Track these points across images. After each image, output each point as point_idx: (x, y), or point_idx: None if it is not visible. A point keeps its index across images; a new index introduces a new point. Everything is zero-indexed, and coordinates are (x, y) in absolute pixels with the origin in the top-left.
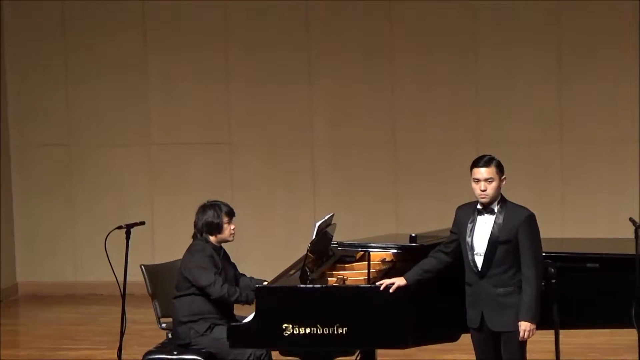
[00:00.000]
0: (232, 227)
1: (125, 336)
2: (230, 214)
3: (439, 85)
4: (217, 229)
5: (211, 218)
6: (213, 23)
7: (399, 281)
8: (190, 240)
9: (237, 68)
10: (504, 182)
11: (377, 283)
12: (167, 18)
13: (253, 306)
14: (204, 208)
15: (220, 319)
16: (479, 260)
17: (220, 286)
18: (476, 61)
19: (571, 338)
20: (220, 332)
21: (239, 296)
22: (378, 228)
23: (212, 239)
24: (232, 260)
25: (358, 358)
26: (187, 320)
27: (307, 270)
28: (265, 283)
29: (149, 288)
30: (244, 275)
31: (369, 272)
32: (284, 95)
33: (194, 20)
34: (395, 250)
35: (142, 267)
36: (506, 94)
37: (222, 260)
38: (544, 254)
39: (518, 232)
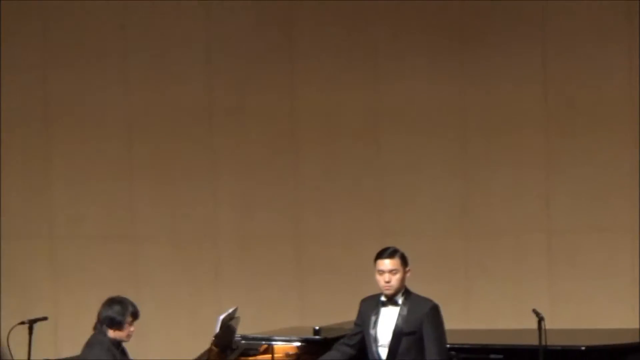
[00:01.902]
0: (132, 329)
1: None
2: (135, 315)
3: (343, 178)
4: (117, 325)
5: (115, 314)
6: (116, 114)
7: None
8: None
9: (141, 163)
10: (408, 274)
11: None
12: (71, 108)
13: None
14: (111, 302)
15: None
16: (383, 353)
17: None
18: (379, 152)
19: None
20: None
21: None
22: (282, 321)
23: (110, 333)
24: (137, 353)
25: None
26: None
27: None
28: None
29: None
30: None
31: None
32: (188, 191)
33: (97, 114)
34: (299, 343)
35: None
36: (410, 185)
37: (120, 355)
38: (448, 345)
39: (422, 323)
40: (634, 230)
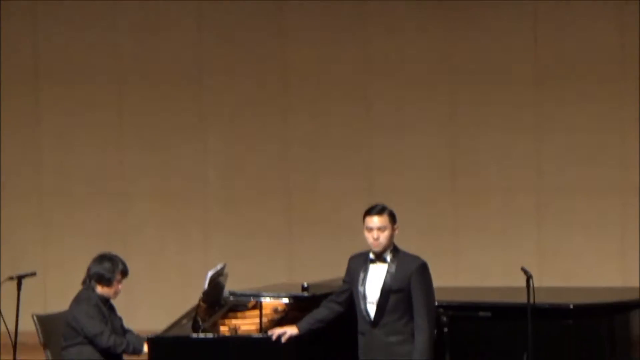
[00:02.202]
0: (120, 286)
1: None
2: (124, 273)
3: (333, 134)
4: (106, 282)
5: (104, 271)
6: (107, 70)
7: (291, 330)
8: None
9: (130, 121)
10: (396, 231)
11: (269, 332)
12: (61, 66)
13: (146, 355)
14: (101, 258)
15: None
16: (372, 309)
17: (107, 337)
18: (369, 110)
19: None
20: None
21: (125, 347)
22: (271, 277)
23: (98, 289)
24: (126, 307)
25: None
26: None
27: (199, 319)
28: None
29: (41, 337)
30: (130, 330)
31: (261, 322)
32: (178, 143)
33: (87, 68)
34: (287, 300)
35: (34, 316)
36: (399, 143)
37: (108, 311)
38: (436, 302)
39: (411, 280)
40: (622, 190)
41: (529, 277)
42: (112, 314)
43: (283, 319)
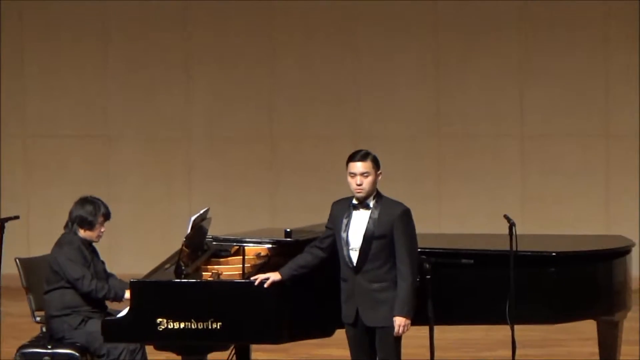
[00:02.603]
0: (103, 229)
1: None
2: (107, 216)
3: (319, 79)
4: (89, 225)
5: (86, 214)
6: (91, 14)
7: (274, 276)
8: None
9: (115, 60)
10: (379, 177)
11: (252, 278)
12: (45, 4)
13: (128, 301)
14: (83, 201)
15: (93, 312)
16: (354, 256)
17: (89, 281)
18: (356, 56)
19: (446, 333)
20: (94, 325)
21: (107, 292)
22: (254, 222)
23: (80, 232)
24: (109, 252)
25: (233, 353)
26: (60, 314)
27: (182, 264)
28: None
29: (24, 281)
30: (113, 275)
31: (243, 267)
32: (161, 87)
33: (71, 12)
34: (270, 245)
35: (17, 260)
36: (385, 88)
37: (90, 255)
38: (419, 249)
39: (393, 227)
40: (607, 137)
41: (511, 225)
42: (95, 258)
43: (266, 264)
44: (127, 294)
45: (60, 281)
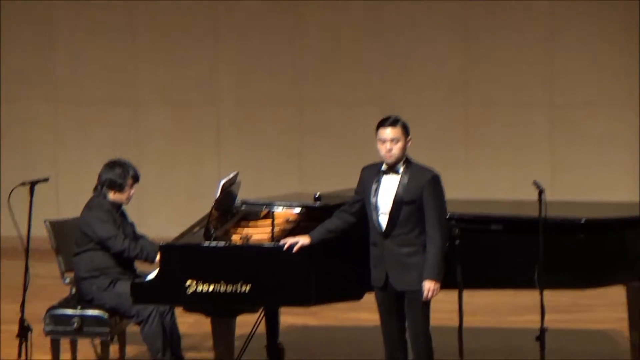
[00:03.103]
0: (132, 192)
1: (28, 291)
2: (136, 178)
3: (346, 45)
4: (118, 188)
5: (116, 176)
6: None
7: (303, 240)
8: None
9: (142, 27)
10: (409, 143)
11: (281, 242)
12: None
13: (156, 263)
14: (112, 164)
15: (122, 274)
16: (384, 221)
17: (122, 240)
18: (383, 22)
19: (475, 298)
20: (123, 287)
21: (139, 252)
22: (282, 186)
23: (110, 195)
24: (138, 216)
25: (261, 316)
26: (89, 276)
27: (211, 228)
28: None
29: (53, 243)
30: (144, 236)
31: (273, 231)
32: (189, 52)
33: None
34: (299, 210)
35: (46, 222)
36: (412, 55)
37: (120, 218)
38: (448, 214)
39: (423, 192)
40: (635, 103)
41: (540, 191)
42: (124, 221)
43: (295, 228)
44: (158, 256)
45: (89, 243)
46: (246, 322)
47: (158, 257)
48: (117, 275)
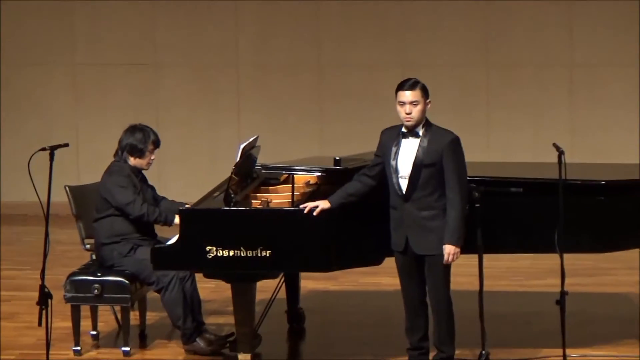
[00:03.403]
0: (153, 157)
1: (49, 257)
2: (157, 143)
3: (365, 7)
4: (139, 153)
5: (136, 141)
6: None
7: (323, 204)
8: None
9: None
10: (429, 106)
11: (301, 206)
12: None
13: (176, 228)
14: (133, 129)
15: (143, 239)
16: (404, 184)
17: (140, 205)
18: None
19: (495, 262)
20: (143, 252)
21: (158, 216)
22: (302, 149)
23: (130, 160)
24: (157, 180)
25: (282, 281)
26: (109, 241)
27: (231, 192)
28: (187, 205)
29: (74, 209)
30: (164, 198)
31: (293, 195)
32: (209, 15)
33: None
34: (319, 173)
35: (67, 187)
36: (432, 16)
37: (140, 183)
38: (468, 177)
39: (443, 155)
40: None
41: (560, 153)
42: (144, 186)
43: (315, 192)
44: (177, 219)
45: (109, 209)
46: (266, 288)
47: (177, 221)
48: (138, 241)
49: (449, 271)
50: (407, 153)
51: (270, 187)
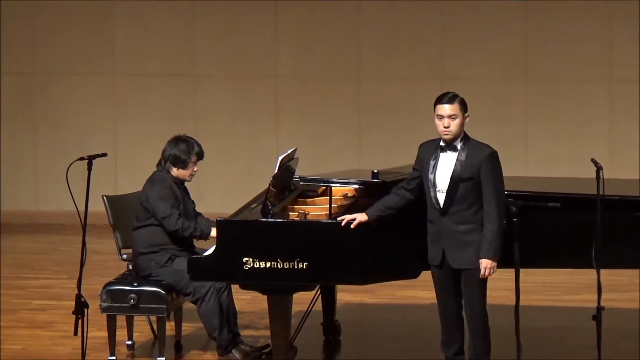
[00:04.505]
0: (195, 169)
1: (85, 266)
2: (200, 155)
3: (404, 20)
4: (182, 164)
5: (180, 152)
6: None
7: (361, 217)
8: (151, 170)
9: (203, 1)
10: (467, 120)
11: (339, 218)
12: None
13: (214, 240)
14: (177, 140)
15: (181, 250)
16: (441, 198)
17: (175, 220)
18: None
19: (532, 277)
20: (181, 263)
21: (193, 231)
22: (340, 161)
23: (173, 171)
24: (195, 191)
25: (318, 293)
26: (147, 251)
27: (269, 204)
28: None
29: (111, 219)
30: (201, 214)
31: (330, 207)
32: (249, 26)
33: None
34: (357, 186)
35: (104, 197)
36: (471, 30)
37: (182, 194)
38: (506, 192)
39: (480, 169)
40: None
41: (599, 168)
42: (186, 197)
43: (352, 205)
44: (214, 232)
45: (150, 218)
46: (302, 300)
47: (214, 232)
48: (176, 252)
49: (485, 285)
50: (445, 167)
51: (308, 200)
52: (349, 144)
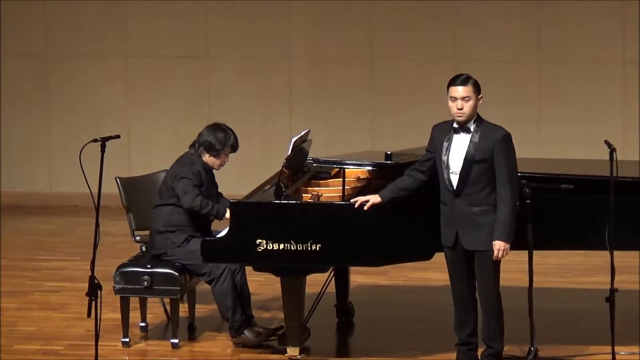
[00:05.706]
0: (227, 160)
1: (99, 248)
2: (234, 148)
3: (418, 1)
4: (215, 152)
5: (216, 140)
6: None
7: (374, 199)
8: (165, 152)
9: None
10: (480, 101)
11: (352, 200)
12: None
13: (227, 221)
14: (216, 128)
15: (197, 232)
16: (454, 179)
17: (193, 197)
18: None
19: (545, 258)
20: (197, 244)
21: (210, 209)
22: (353, 143)
23: (205, 156)
24: None
25: (331, 275)
26: (165, 230)
27: (282, 186)
28: None
29: (124, 200)
30: (222, 196)
31: (343, 189)
32: (262, 8)
33: None
34: (370, 168)
35: (117, 179)
36: (485, 11)
37: (207, 180)
38: (519, 174)
39: (494, 151)
40: None
41: (612, 150)
42: (211, 183)
43: (366, 187)
44: (228, 213)
45: (172, 198)
46: (316, 282)
47: (228, 214)
48: (193, 233)
49: (499, 267)
50: (458, 149)
51: (321, 181)
52: (362, 126)
